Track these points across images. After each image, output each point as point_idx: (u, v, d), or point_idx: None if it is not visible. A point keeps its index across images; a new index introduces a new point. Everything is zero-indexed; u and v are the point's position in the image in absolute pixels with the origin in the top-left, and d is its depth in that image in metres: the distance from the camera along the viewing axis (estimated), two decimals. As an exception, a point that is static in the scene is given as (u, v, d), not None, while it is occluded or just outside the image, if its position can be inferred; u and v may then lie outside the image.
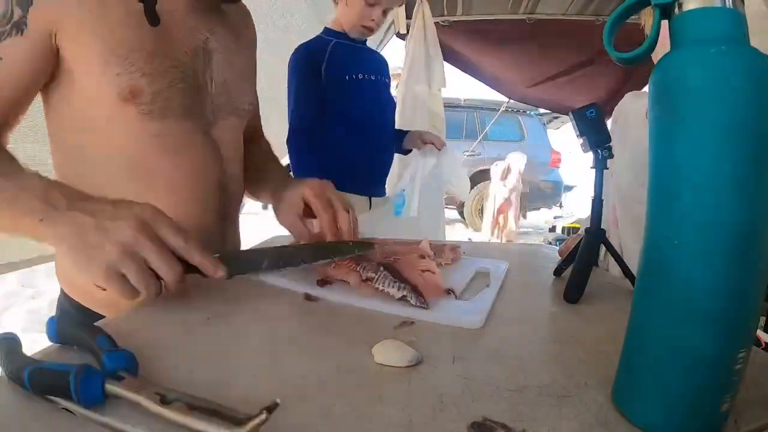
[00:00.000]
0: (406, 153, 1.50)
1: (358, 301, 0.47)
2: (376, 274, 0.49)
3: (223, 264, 0.44)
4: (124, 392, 0.27)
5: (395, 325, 0.42)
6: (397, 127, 1.55)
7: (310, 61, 1.25)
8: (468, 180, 1.60)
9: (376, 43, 2.60)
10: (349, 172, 1.28)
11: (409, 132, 1.48)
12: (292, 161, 1.30)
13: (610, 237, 0.66)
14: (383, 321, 0.43)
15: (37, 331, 2.06)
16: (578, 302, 0.51)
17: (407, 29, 2.55)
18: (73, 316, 0.61)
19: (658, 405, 0.27)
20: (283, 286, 0.52)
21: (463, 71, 3.14)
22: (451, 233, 4.69)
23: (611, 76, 3.01)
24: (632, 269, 0.55)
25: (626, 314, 0.29)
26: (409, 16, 2.54)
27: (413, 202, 1.46)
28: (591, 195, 0.57)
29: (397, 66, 2.72)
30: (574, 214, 6.40)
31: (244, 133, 0.71)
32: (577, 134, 0.57)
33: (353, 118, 1.30)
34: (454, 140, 5.12)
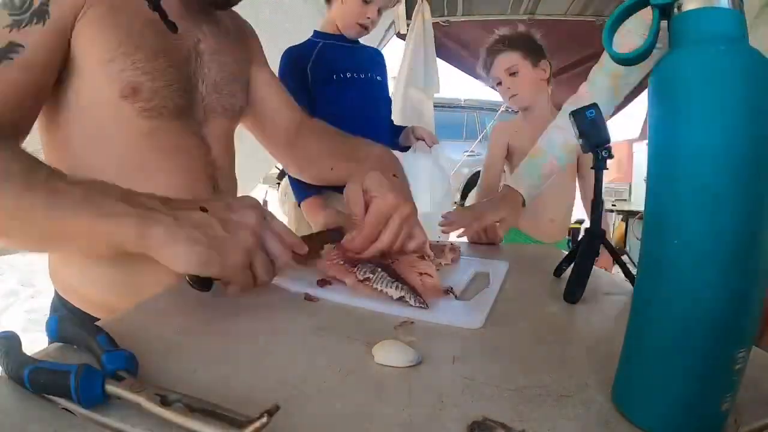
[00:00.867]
0: (404, 150, 1.49)
1: (358, 302, 0.47)
2: (373, 275, 0.49)
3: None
4: (124, 392, 0.26)
5: (395, 325, 0.42)
6: (396, 124, 1.54)
7: (296, 62, 1.26)
8: (448, 192, 1.57)
9: (376, 43, 2.60)
10: None
11: (405, 128, 1.48)
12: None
13: None
14: (383, 321, 0.43)
15: (37, 331, 2.06)
16: (578, 302, 0.51)
17: (407, 29, 2.55)
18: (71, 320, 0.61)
19: (658, 405, 0.27)
20: (283, 287, 0.52)
21: (463, 71, 3.14)
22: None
23: (611, 76, 3.01)
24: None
25: (626, 314, 0.29)
26: (409, 17, 2.54)
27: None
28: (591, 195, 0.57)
29: (396, 67, 2.72)
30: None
31: (286, 135, 0.77)
32: (577, 134, 0.57)
33: (343, 117, 1.30)
34: (455, 140, 5.11)
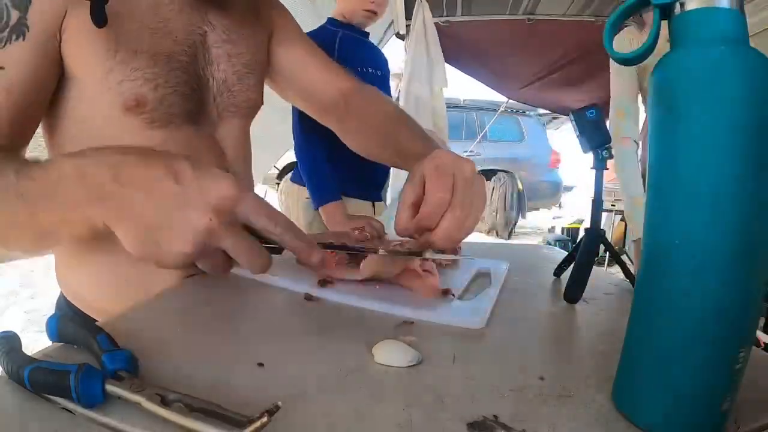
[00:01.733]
0: None
1: (358, 301, 0.47)
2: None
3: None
4: (124, 392, 0.26)
5: (395, 324, 0.42)
6: None
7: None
8: None
9: (376, 43, 2.61)
10: (355, 172, 1.22)
11: None
12: (299, 158, 1.21)
13: None
14: (383, 321, 0.43)
15: (37, 331, 2.06)
16: (578, 302, 0.51)
17: (407, 30, 2.55)
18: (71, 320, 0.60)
19: (658, 405, 0.27)
20: (283, 287, 0.52)
21: (463, 71, 3.15)
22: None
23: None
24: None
25: (626, 314, 0.29)
26: (408, 17, 2.54)
27: None
28: (591, 195, 0.57)
29: (397, 66, 2.72)
30: (574, 215, 6.40)
31: (336, 108, 0.69)
32: (577, 135, 0.57)
33: None
34: (455, 140, 5.12)
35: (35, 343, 0.36)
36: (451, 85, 2.54)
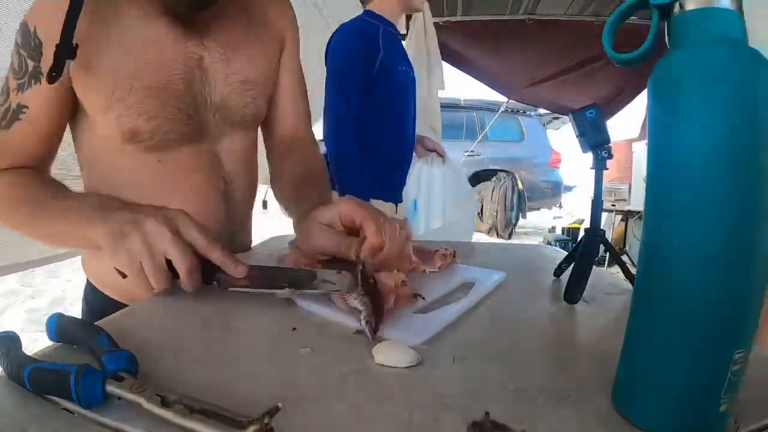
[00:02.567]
0: None
1: (321, 311, 0.44)
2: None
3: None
4: (124, 392, 0.27)
5: (352, 332, 0.40)
6: None
7: (364, 46, 1.11)
8: (473, 198, 1.51)
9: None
10: (382, 175, 1.17)
11: None
12: (336, 154, 1.12)
13: None
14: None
15: (37, 331, 2.06)
16: (578, 302, 0.51)
17: (407, 30, 2.55)
18: (97, 306, 0.65)
19: (658, 405, 0.27)
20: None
21: (463, 71, 3.15)
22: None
23: (611, 76, 3.02)
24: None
25: (626, 314, 0.29)
26: (409, 17, 2.54)
27: (429, 216, 1.35)
28: (591, 195, 0.57)
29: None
30: (574, 215, 6.40)
31: (277, 146, 0.73)
32: (577, 135, 0.57)
33: (399, 114, 1.17)
34: (455, 140, 5.12)
35: (35, 343, 0.36)
36: (451, 85, 2.55)
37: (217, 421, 0.24)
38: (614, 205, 3.66)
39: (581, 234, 0.58)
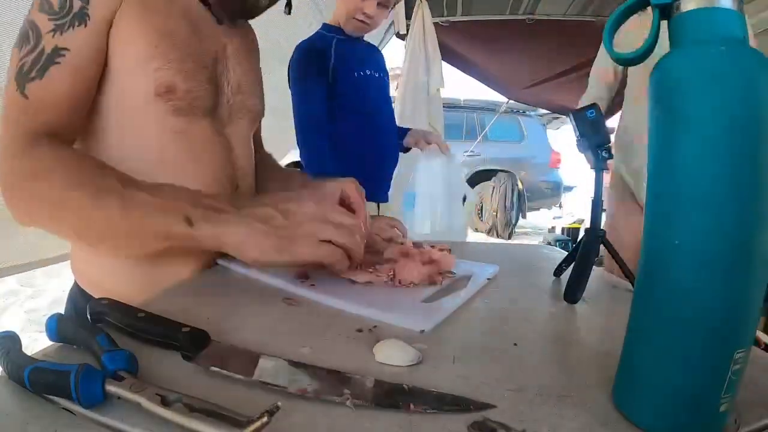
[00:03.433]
0: (405, 151, 1.47)
1: (330, 302, 0.47)
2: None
3: None
4: (124, 392, 0.27)
5: (357, 329, 0.41)
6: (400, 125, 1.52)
7: (315, 58, 1.21)
8: (469, 192, 1.52)
9: (377, 43, 2.61)
10: (360, 174, 1.24)
11: (410, 130, 1.43)
12: (307, 159, 1.24)
13: None
14: (353, 321, 0.43)
15: (37, 331, 2.06)
16: (578, 302, 0.52)
17: (407, 29, 2.55)
18: (82, 306, 0.63)
19: (658, 405, 0.27)
20: (281, 287, 0.52)
21: (463, 71, 3.15)
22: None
23: (611, 76, 3.01)
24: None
25: (626, 314, 0.29)
26: (408, 17, 2.54)
27: (431, 216, 1.35)
28: (591, 195, 0.57)
29: (397, 66, 2.72)
30: (574, 215, 6.40)
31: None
32: (577, 135, 0.57)
33: (363, 116, 1.26)
34: (454, 140, 5.12)
35: (35, 343, 0.36)
36: (451, 85, 2.55)
37: (217, 421, 0.24)
38: (614, 205, 3.65)
39: (581, 234, 0.58)
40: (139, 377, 0.29)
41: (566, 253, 0.66)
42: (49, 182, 0.45)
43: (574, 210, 7.11)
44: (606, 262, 1.33)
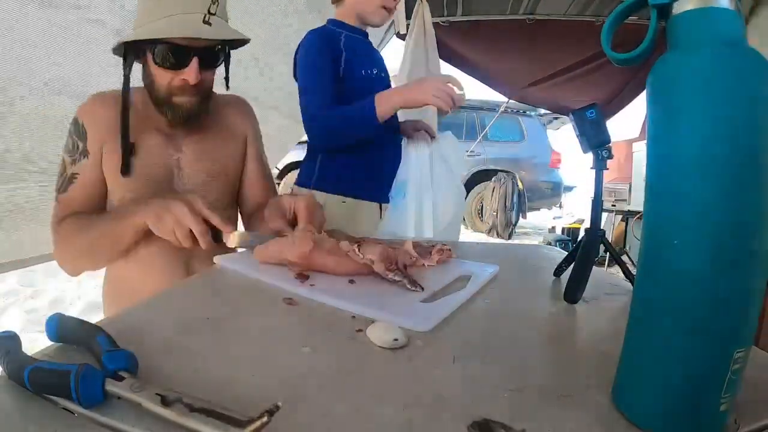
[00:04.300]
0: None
1: (332, 302, 0.47)
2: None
3: None
4: (124, 392, 0.27)
5: (357, 329, 0.41)
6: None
7: (328, 48, 1.16)
8: (464, 159, 1.46)
9: (377, 43, 2.60)
10: (365, 173, 1.21)
11: (401, 122, 1.38)
12: (318, 139, 1.17)
13: None
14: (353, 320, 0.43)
15: (37, 331, 2.06)
16: (578, 302, 0.51)
17: (407, 29, 2.55)
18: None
19: (658, 405, 0.27)
20: (281, 286, 0.52)
21: (463, 71, 3.14)
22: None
23: (611, 76, 3.02)
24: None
25: (626, 314, 0.29)
26: (408, 17, 2.54)
27: (422, 215, 1.33)
28: (591, 195, 0.57)
29: (398, 66, 2.71)
30: (574, 215, 6.40)
31: (247, 211, 0.93)
32: (577, 134, 0.57)
33: None
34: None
35: (35, 343, 0.36)
36: (451, 85, 2.54)
37: (217, 420, 0.24)
38: (614, 205, 3.65)
39: (581, 234, 0.58)
40: (139, 377, 0.29)
41: (566, 253, 0.66)
42: (65, 236, 0.74)
43: (574, 210, 7.11)
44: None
